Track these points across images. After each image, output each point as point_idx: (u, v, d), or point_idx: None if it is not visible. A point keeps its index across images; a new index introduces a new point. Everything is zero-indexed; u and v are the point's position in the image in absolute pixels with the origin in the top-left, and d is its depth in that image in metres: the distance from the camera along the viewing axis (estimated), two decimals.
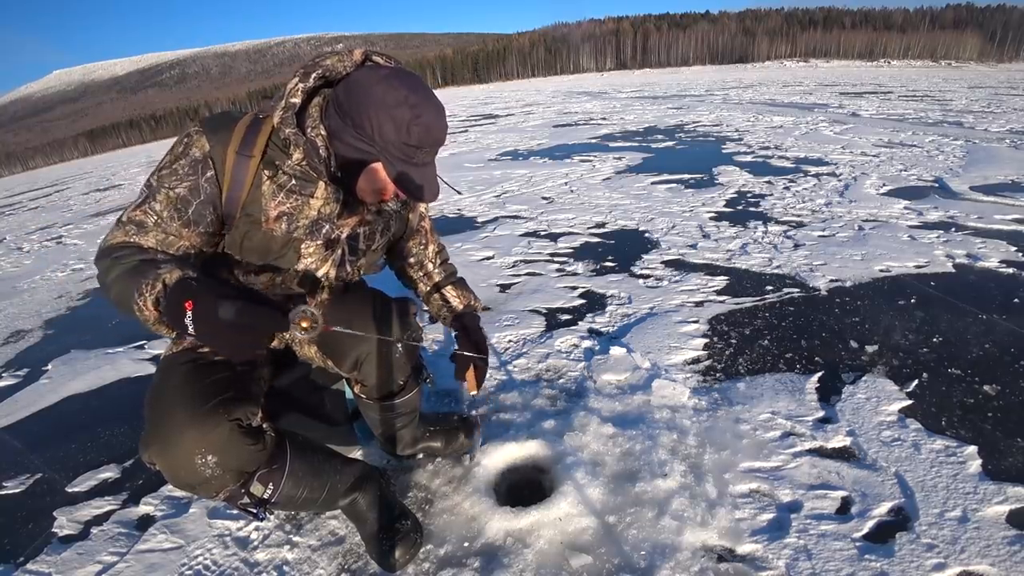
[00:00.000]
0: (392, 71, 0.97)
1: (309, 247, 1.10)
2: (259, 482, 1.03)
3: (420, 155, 0.97)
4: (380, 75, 0.95)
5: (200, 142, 0.98)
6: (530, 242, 3.47)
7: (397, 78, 0.95)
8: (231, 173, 0.99)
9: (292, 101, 0.98)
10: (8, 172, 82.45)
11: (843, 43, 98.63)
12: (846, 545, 1.15)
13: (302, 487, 1.11)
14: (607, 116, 11.12)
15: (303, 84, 0.98)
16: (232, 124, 1.01)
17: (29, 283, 4.44)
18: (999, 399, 1.58)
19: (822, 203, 3.73)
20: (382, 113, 0.93)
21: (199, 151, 0.98)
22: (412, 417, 1.42)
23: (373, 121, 0.94)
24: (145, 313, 0.84)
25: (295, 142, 0.98)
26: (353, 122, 0.96)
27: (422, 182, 0.99)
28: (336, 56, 1.01)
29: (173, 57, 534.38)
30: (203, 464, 0.92)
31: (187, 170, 0.98)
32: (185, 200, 0.97)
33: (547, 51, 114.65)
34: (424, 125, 0.94)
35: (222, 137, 0.99)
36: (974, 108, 8.91)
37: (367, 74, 0.97)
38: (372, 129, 0.94)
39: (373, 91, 0.94)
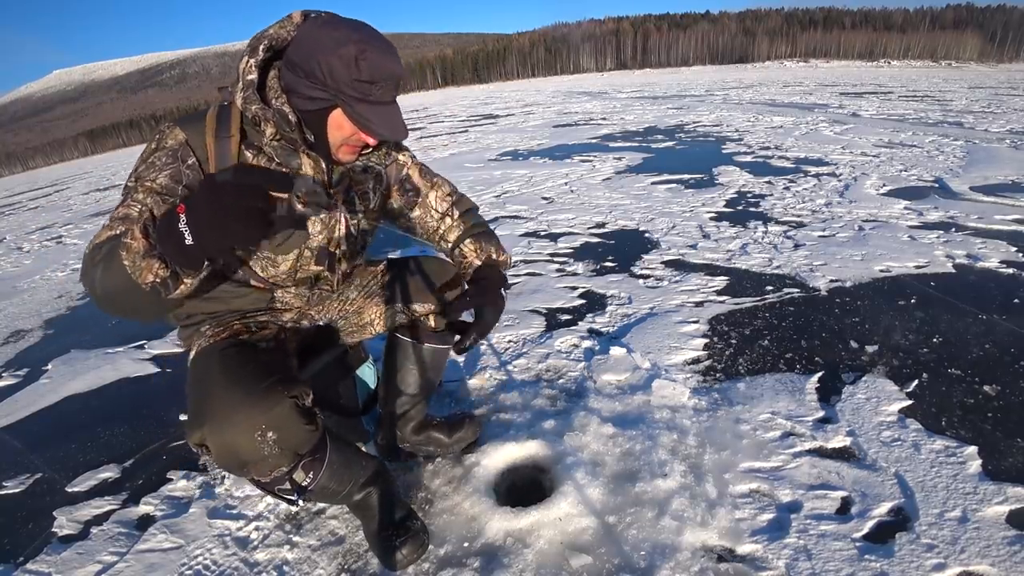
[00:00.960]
0: (332, 16, 0.97)
1: (313, 221, 1.09)
2: (302, 470, 1.04)
3: (376, 91, 0.94)
4: (322, 21, 0.95)
5: (174, 133, 0.99)
6: (530, 242, 3.47)
7: (340, 21, 0.95)
8: (215, 157, 0.99)
9: (249, 79, 0.96)
10: (8, 172, 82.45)
11: (843, 43, 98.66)
12: (846, 545, 1.15)
13: (334, 479, 1.12)
14: (607, 116, 11.12)
15: (253, 59, 0.97)
16: (202, 115, 1.02)
17: (29, 283, 4.44)
18: (999, 399, 1.58)
19: (822, 203, 3.73)
20: (329, 55, 0.91)
21: (174, 141, 0.98)
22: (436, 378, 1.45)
23: (322, 65, 0.91)
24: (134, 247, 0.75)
25: (264, 117, 0.96)
26: (305, 72, 0.94)
27: (383, 120, 0.96)
28: (277, 24, 1.00)
29: (173, 57, 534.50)
30: (262, 440, 0.92)
31: (166, 159, 0.96)
32: (169, 188, 0.95)
33: (547, 51, 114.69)
34: (372, 59, 0.91)
35: (196, 126, 0.99)
36: (974, 108, 8.91)
37: (310, 25, 0.96)
38: (323, 73, 0.92)
39: (317, 37, 0.93)
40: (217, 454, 0.93)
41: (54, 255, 5.48)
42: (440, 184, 1.31)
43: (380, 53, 0.92)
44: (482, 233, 1.29)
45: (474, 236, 1.27)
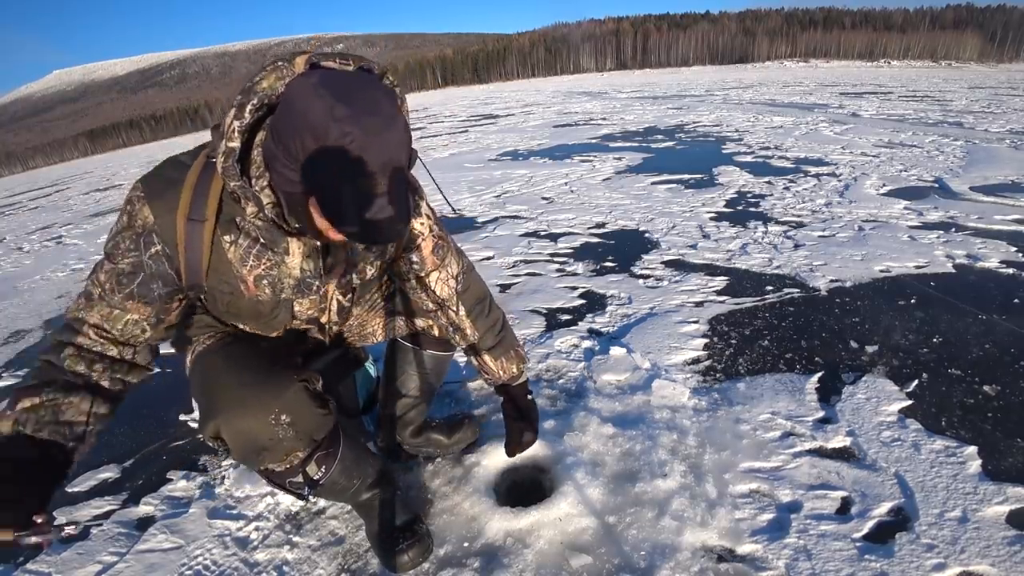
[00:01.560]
0: (324, 75, 0.75)
1: (302, 303, 1.03)
2: (315, 463, 1.04)
3: (361, 183, 0.73)
4: (309, 83, 0.74)
5: (143, 213, 0.88)
6: (530, 242, 3.47)
7: (328, 84, 0.73)
8: (184, 244, 0.89)
9: (230, 146, 0.80)
10: (8, 172, 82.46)
11: (843, 43, 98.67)
12: (846, 545, 1.15)
13: (344, 475, 1.13)
14: (607, 116, 11.12)
15: (238, 122, 0.79)
16: (179, 184, 0.88)
17: (29, 283, 4.44)
18: (999, 399, 1.58)
19: (822, 203, 3.73)
20: (305, 133, 0.72)
21: (141, 223, 0.88)
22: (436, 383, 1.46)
23: (298, 144, 0.73)
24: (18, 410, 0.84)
25: (243, 195, 0.84)
26: (283, 147, 0.75)
27: (365, 219, 0.74)
28: (275, 73, 0.80)
29: (173, 57, 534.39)
30: (276, 424, 0.92)
31: (129, 244, 0.89)
32: (129, 275, 0.90)
33: (547, 51, 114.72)
34: (360, 144, 0.70)
35: (168, 203, 0.88)
36: (974, 108, 8.91)
37: (297, 84, 0.76)
38: (299, 152, 0.73)
39: (296, 105, 0.73)
40: (233, 442, 0.93)
41: (54, 255, 5.47)
42: (447, 264, 1.16)
43: (370, 136, 0.71)
44: (499, 344, 1.23)
45: (492, 352, 1.22)
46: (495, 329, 1.23)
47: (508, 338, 1.26)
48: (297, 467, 1.01)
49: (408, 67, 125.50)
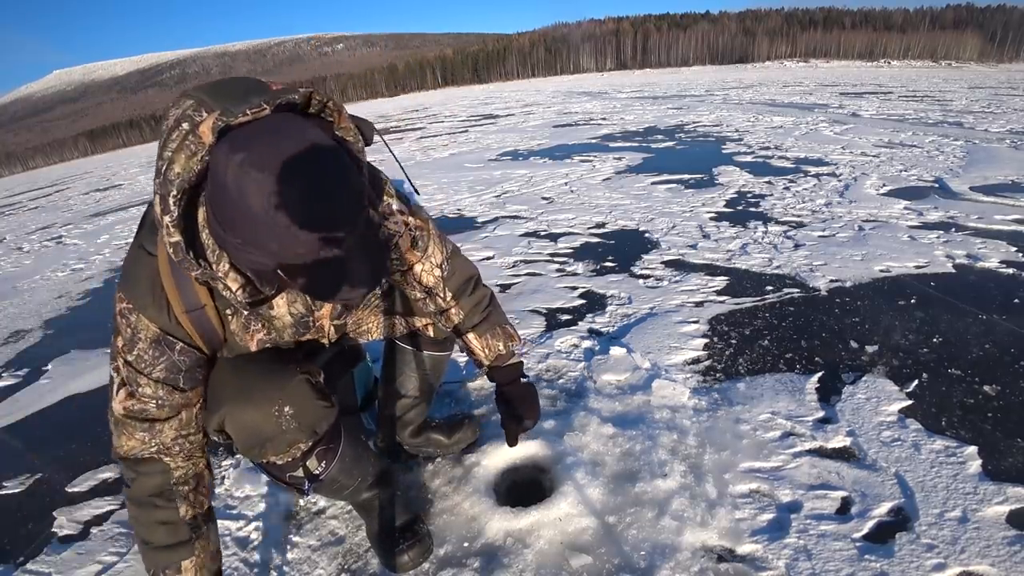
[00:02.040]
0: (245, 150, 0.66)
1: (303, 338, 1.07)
2: (316, 457, 1.05)
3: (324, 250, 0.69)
4: (234, 164, 0.66)
5: (143, 323, 0.86)
6: (530, 242, 3.47)
7: (253, 163, 0.65)
8: (199, 334, 0.90)
9: (173, 241, 0.73)
10: (8, 172, 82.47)
11: (843, 43, 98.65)
12: (846, 545, 1.15)
13: (344, 473, 1.13)
14: (607, 116, 11.12)
15: (168, 217, 0.72)
16: (157, 283, 0.85)
17: (29, 283, 4.44)
18: (999, 399, 1.58)
19: (822, 203, 3.73)
20: (252, 223, 0.67)
21: (146, 333, 0.86)
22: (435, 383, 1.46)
23: (249, 235, 0.69)
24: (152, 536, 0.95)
25: (212, 277, 0.78)
26: (233, 232, 0.71)
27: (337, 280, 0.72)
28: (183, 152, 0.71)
29: (173, 57, 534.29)
30: (279, 415, 0.93)
31: (153, 354, 0.87)
32: (172, 378, 0.90)
33: (547, 51, 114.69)
34: (309, 223, 0.66)
35: (160, 306, 0.85)
36: (974, 108, 8.91)
37: (221, 165, 0.67)
38: (252, 240, 0.70)
39: (230, 193, 0.67)
40: (237, 435, 0.95)
41: (54, 255, 5.48)
42: (431, 255, 1.13)
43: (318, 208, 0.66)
44: (484, 320, 1.19)
45: (477, 329, 1.18)
46: (480, 306, 1.19)
47: (495, 316, 1.21)
48: (299, 460, 1.02)
49: (408, 67, 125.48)
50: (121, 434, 0.91)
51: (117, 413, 0.90)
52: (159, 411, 0.90)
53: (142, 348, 0.87)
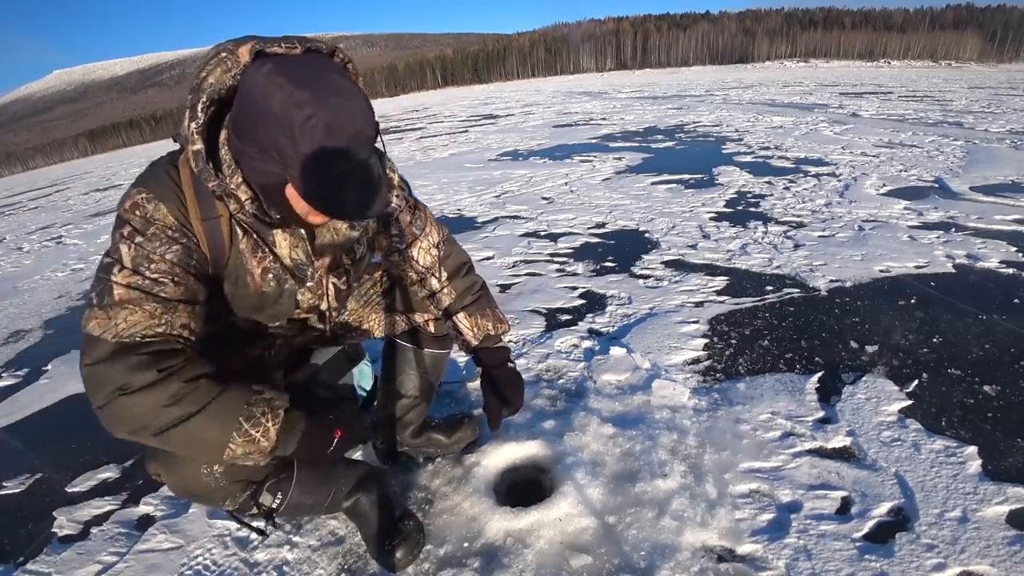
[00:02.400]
0: (276, 63, 0.75)
1: (303, 292, 1.05)
2: (268, 492, 1.04)
3: (332, 163, 0.74)
4: (262, 73, 0.74)
5: (160, 212, 0.84)
6: (530, 242, 3.47)
7: (282, 72, 0.73)
8: (208, 242, 0.89)
9: (195, 149, 0.79)
10: (8, 172, 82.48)
11: (843, 43, 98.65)
12: (846, 545, 1.15)
13: (308, 494, 1.12)
14: (607, 116, 11.12)
15: (194, 124, 0.79)
16: (178, 186, 0.86)
17: (29, 283, 4.44)
18: (999, 399, 1.58)
19: (822, 203, 3.73)
20: (270, 123, 0.73)
21: (163, 221, 0.84)
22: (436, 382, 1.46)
23: (264, 134, 0.74)
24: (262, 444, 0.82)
25: (224, 193, 0.84)
26: (249, 139, 0.77)
27: (342, 195, 0.77)
28: (220, 67, 0.79)
29: (173, 57, 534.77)
30: (208, 474, 0.93)
31: (169, 236, 0.84)
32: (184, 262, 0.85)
33: (547, 51, 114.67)
34: (324, 124, 0.72)
35: (179, 204, 0.86)
36: (974, 108, 8.91)
37: (251, 76, 0.76)
38: (268, 143, 0.75)
39: (255, 98, 0.74)
40: (170, 487, 0.96)
41: (54, 255, 5.48)
42: (428, 234, 1.19)
43: (334, 114, 0.72)
44: (475, 302, 1.21)
45: (467, 308, 1.20)
46: (472, 290, 1.22)
47: (485, 300, 1.24)
48: (247, 503, 1.01)
49: (408, 67, 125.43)
50: (119, 312, 0.78)
51: (117, 289, 0.79)
52: (175, 288, 0.82)
53: (155, 231, 0.82)
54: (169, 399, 0.76)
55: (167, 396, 0.76)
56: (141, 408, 0.76)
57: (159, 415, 0.76)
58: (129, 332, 0.78)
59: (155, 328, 0.79)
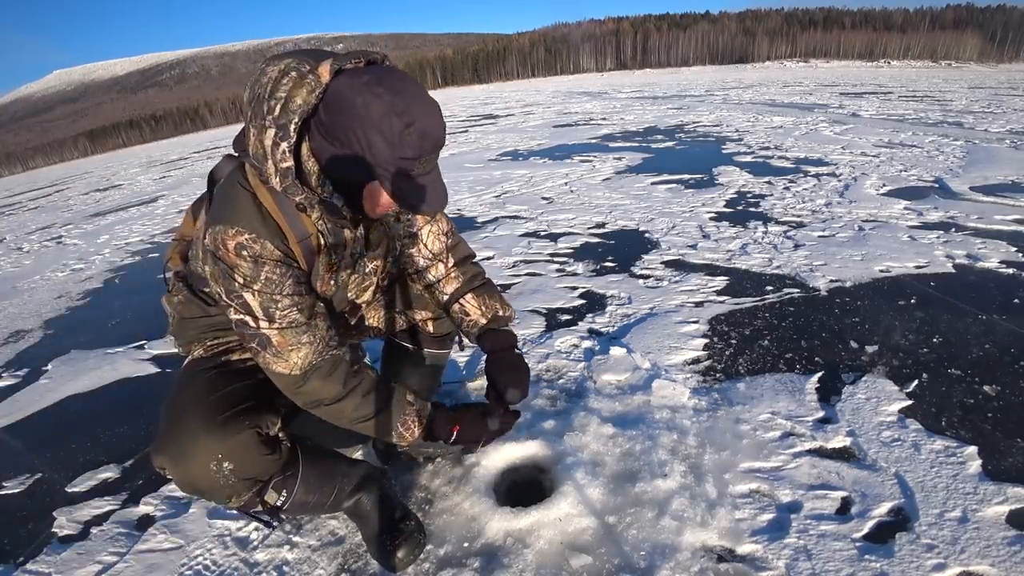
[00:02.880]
0: (371, 77, 0.83)
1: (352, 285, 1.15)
2: (273, 490, 1.04)
3: (419, 165, 0.86)
4: (360, 84, 0.82)
5: (268, 248, 0.90)
6: (530, 242, 3.47)
7: (380, 84, 0.82)
8: (305, 260, 0.98)
9: (284, 167, 0.86)
10: (8, 172, 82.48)
11: (843, 43, 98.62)
12: (846, 545, 1.15)
13: (313, 493, 1.12)
14: (607, 116, 11.12)
15: (286, 144, 0.85)
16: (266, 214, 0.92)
17: (29, 283, 4.44)
18: (999, 399, 1.58)
19: (822, 203, 3.73)
20: (369, 129, 0.81)
21: (273, 256, 0.91)
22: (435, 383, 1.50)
23: (360, 138, 0.82)
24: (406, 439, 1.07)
25: (310, 204, 0.92)
26: (341, 143, 0.85)
27: (426, 194, 0.89)
28: (304, 88, 0.84)
29: (173, 57, 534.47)
30: (217, 471, 0.93)
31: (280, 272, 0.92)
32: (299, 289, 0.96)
33: (547, 51, 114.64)
34: (419, 132, 0.83)
35: (278, 234, 0.92)
36: (974, 108, 8.91)
37: (346, 85, 0.83)
38: (362, 147, 0.83)
39: (354, 106, 0.81)
40: (175, 481, 0.96)
41: (54, 255, 5.48)
42: (438, 220, 1.23)
43: (426, 123, 0.83)
44: (483, 286, 1.23)
45: (475, 290, 1.21)
46: (479, 277, 1.25)
47: (492, 285, 1.26)
48: (252, 500, 1.02)
49: (408, 67, 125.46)
50: (289, 353, 0.94)
51: (273, 337, 0.93)
52: (301, 315, 0.95)
53: (268, 271, 0.91)
54: (353, 409, 1.02)
55: (352, 407, 1.02)
56: (336, 413, 1.02)
57: (347, 417, 1.03)
58: (304, 364, 0.95)
59: (319, 351, 0.97)
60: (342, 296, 1.13)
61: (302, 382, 0.96)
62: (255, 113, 0.86)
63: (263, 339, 0.93)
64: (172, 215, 6.60)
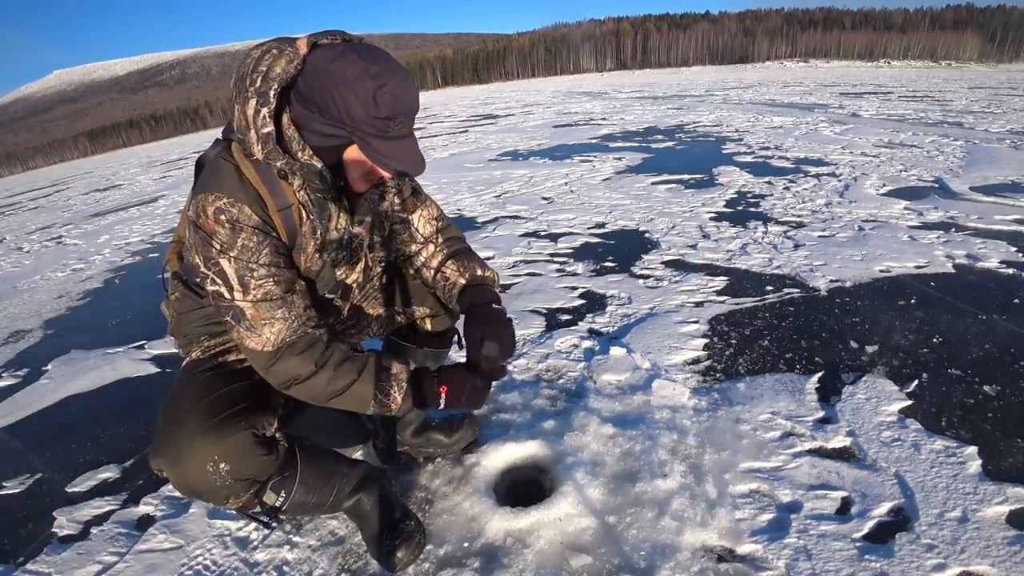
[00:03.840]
0: (345, 46, 0.89)
1: (340, 264, 1.12)
2: (272, 491, 1.04)
3: (394, 127, 0.89)
4: (335, 52, 0.87)
5: (245, 213, 0.92)
6: (530, 242, 3.47)
7: (353, 51, 0.87)
8: (285, 231, 0.98)
9: (265, 132, 0.90)
10: (8, 172, 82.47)
11: (843, 43, 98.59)
12: (846, 545, 1.15)
13: (312, 493, 1.12)
14: (607, 116, 11.12)
15: (266, 109, 0.89)
16: (247, 182, 0.94)
17: (29, 283, 4.44)
18: (999, 399, 1.58)
19: (822, 203, 3.73)
20: (344, 90, 0.85)
21: (251, 222, 0.92)
22: None
23: (337, 101, 0.86)
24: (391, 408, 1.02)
25: (290, 171, 0.94)
26: (319, 109, 0.88)
27: (402, 156, 0.91)
28: (283, 58, 0.89)
29: (173, 57, 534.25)
30: (214, 472, 0.93)
31: (257, 240, 0.93)
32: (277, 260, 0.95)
33: (547, 51, 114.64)
34: (391, 93, 0.86)
35: (257, 201, 0.94)
36: (974, 108, 8.91)
37: (321, 55, 0.88)
38: (339, 110, 0.87)
39: (330, 70, 0.86)
40: (173, 483, 0.96)
41: (54, 255, 5.48)
42: (428, 206, 1.26)
43: (399, 87, 0.87)
44: (464, 251, 1.24)
45: (455, 255, 1.23)
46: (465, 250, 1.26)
47: (474, 252, 1.27)
48: (251, 501, 1.02)
49: (408, 67, 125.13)
50: (262, 327, 0.93)
51: (247, 309, 0.93)
52: (278, 287, 0.95)
53: (245, 237, 0.92)
54: (326, 383, 0.98)
55: (324, 381, 0.98)
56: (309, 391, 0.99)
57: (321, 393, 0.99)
58: (277, 340, 0.94)
59: (293, 328, 0.96)
60: (330, 275, 1.11)
61: (274, 359, 0.95)
62: (239, 90, 0.91)
63: (237, 312, 0.93)
64: (172, 215, 6.60)
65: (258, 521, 1.08)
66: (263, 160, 0.92)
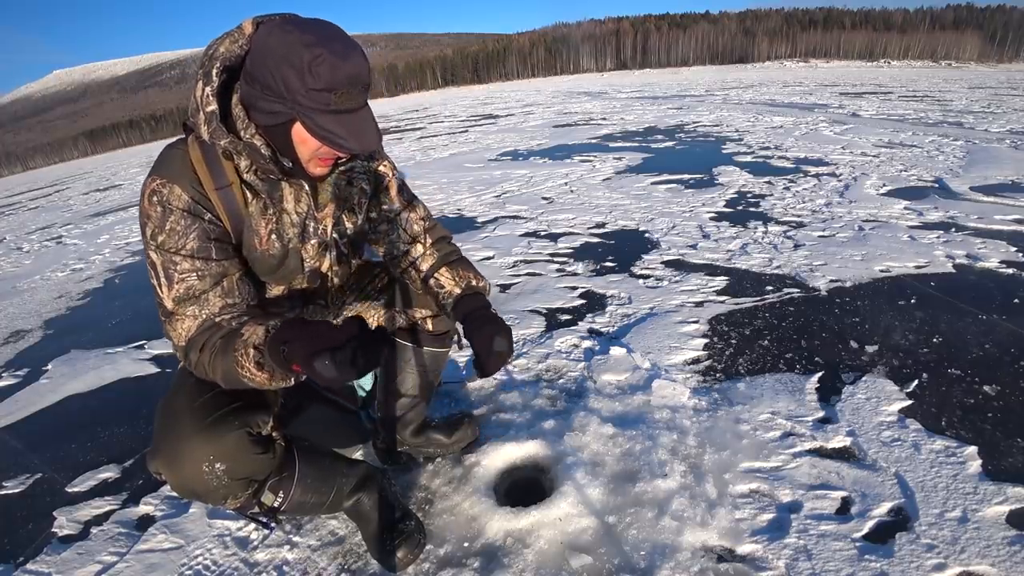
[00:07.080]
0: (286, 19, 0.87)
1: (307, 249, 1.08)
2: (270, 491, 1.04)
3: (336, 99, 0.83)
4: (272, 26, 0.86)
5: (175, 193, 0.91)
6: (530, 242, 3.47)
7: (293, 23, 0.85)
8: (225, 211, 0.95)
9: (209, 110, 0.89)
10: (8, 172, 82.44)
11: (843, 43, 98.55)
12: (846, 545, 1.15)
13: (310, 493, 1.12)
14: (607, 116, 11.12)
15: (209, 87, 0.88)
16: (188, 162, 0.93)
17: (29, 283, 4.44)
18: (999, 399, 1.58)
19: (822, 203, 3.73)
20: (280, 63, 0.82)
21: (178, 203, 0.91)
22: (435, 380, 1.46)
23: (275, 74, 0.83)
24: (257, 380, 0.87)
25: (235, 150, 0.92)
26: (260, 84, 0.85)
27: (347, 130, 0.85)
28: (228, 38, 0.90)
29: (173, 57, 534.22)
30: (210, 472, 0.93)
31: (185, 223, 0.91)
32: (205, 247, 0.93)
33: (547, 51, 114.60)
34: (329, 63, 0.81)
35: (191, 180, 0.93)
36: (974, 108, 8.91)
37: (262, 33, 0.87)
38: (277, 84, 0.83)
39: (269, 45, 0.83)
40: (171, 485, 0.96)
41: (54, 255, 5.48)
42: (416, 206, 1.24)
43: (337, 56, 0.82)
44: (457, 260, 1.23)
45: (450, 264, 1.21)
46: (454, 254, 1.24)
47: (467, 260, 1.25)
48: (249, 501, 1.02)
49: (408, 67, 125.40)
50: (177, 324, 0.92)
51: (169, 307, 0.92)
52: (200, 282, 0.92)
53: (174, 220, 0.91)
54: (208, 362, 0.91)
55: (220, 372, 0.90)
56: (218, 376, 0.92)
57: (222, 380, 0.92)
58: (187, 337, 0.93)
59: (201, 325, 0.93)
60: (296, 262, 1.07)
61: (184, 355, 0.94)
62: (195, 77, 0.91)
63: (164, 308, 0.93)
64: None
65: (257, 521, 1.08)
66: (208, 140, 0.91)
